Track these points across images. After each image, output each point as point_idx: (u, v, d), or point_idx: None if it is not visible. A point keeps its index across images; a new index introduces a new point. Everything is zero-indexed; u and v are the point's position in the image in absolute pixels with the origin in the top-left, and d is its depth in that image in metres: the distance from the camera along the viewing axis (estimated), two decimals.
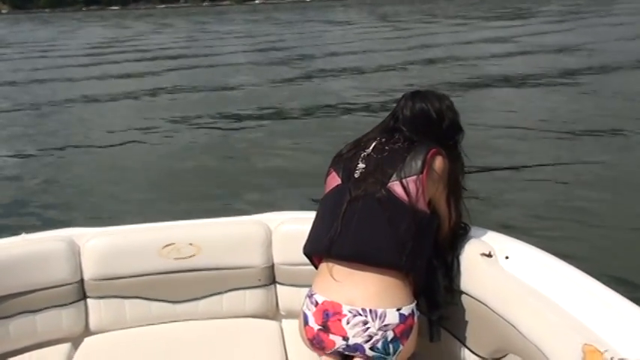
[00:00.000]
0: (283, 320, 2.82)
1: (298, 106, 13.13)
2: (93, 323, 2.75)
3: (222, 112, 12.66)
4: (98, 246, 2.72)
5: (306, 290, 2.30)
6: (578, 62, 17.29)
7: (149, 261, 2.71)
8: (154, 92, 15.92)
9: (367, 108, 12.23)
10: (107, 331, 2.75)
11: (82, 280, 2.71)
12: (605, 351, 1.67)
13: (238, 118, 12.17)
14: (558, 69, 16.18)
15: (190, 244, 2.73)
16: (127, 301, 2.75)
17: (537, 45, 21.97)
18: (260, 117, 12.20)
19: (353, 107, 12.57)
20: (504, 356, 2.18)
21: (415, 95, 2.46)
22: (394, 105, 2.50)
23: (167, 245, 2.72)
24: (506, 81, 15.06)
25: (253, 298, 2.80)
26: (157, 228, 2.86)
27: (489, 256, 2.29)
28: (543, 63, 17.49)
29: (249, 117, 12.20)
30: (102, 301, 2.74)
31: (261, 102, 13.60)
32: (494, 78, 15.51)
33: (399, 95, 2.52)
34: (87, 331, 2.75)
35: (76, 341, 2.70)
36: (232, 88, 15.91)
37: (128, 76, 19.32)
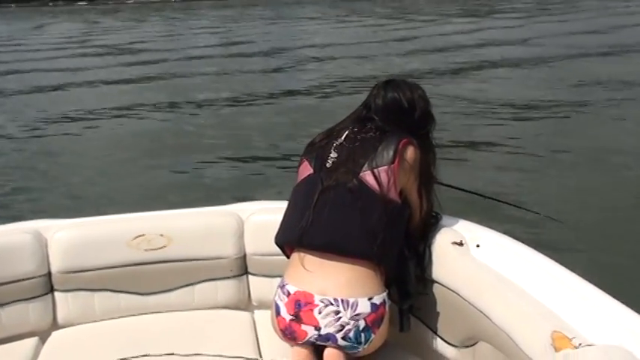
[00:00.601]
0: (255, 311, 2.80)
1: (270, 96, 13.17)
2: (61, 317, 2.70)
3: (192, 103, 12.62)
4: (66, 238, 2.67)
5: (278, 280, 2.30)
6: (540, 52, 17.78)
7: (119, 252, 2.67)
8: (121, 84, 15.79)
9: (339, 98, 12.28)
10: (75, 324, 2.70)
11: (49, 273, 2.65)
12: (573, 337, 1.69)
13: (209, 108, 12.13)
14: (521, 58, 16.64)
15: (161, 235, 2.70)
16: (95, 294, 2.71)
17: (502, 37, 22.47)
18: (230, 107, 12.18)
19: (325, 97, 12.65)
20: (475, 344, 2.20)
21: (387, 84, 2.46)
22: (366, 94, 2.51)
23: (137, 236, 2.69)
24: (470, 70, 15.41)
25: (225, 289, 2.78)
26: (127, 219, 2.82)
27: (460, 244, 2.31)
28: (506, 53, 17.92)
29: (220, 108, 12.16)
30: (70, 294, 2.69)
31: (231, 93, 13.60)
32: (459, 67, 15.87)
33: (370, 85, 2.53)
34: (54, 325, 2.70)
35: (43, 335, 2.65)
36: (202, 81, 15.81)
37: (97, 68, 19.11)
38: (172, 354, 2.40)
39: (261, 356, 2.43)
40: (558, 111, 10.39)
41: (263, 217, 2.73)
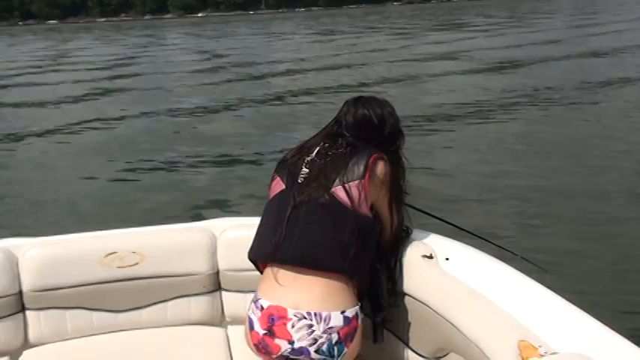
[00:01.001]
0: (229, 327, 2.81)
1: (242, 113, 13.22)
2: (32, 335, 2.68)
3: (163, 121, 12.61)
4: (37, 256, 2.65)
5: (251, 296, 2.30)
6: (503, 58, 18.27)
7: (91, 270, 2.66)
8: (91, 100, 15.77)
9: (311, 113, 12.36)
10: (47, 343, 2.68)
11: (20, 292, 2.64)
12: (539, 346, 1.74)
13: (181, 127, 12.11)
14: (486, 68, 17.06)
15: (134, 252, 2.70)
16: (68, 312, 2.69)
17: (470, 48, 23.00)
18: (203, 123, 12.19)
19: (297, 113, 12.71)
20: (446, 355, 2.24)
21: (357, 101, 2.51)
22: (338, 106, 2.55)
23: (110, 254, 2.68)
24: (434, 78, 15.71)
25: (198, 306, 2.78)
26: (99, 237, 2.82)
27: (430, 257, 2.35)
28: (468, 65, 18.34)
29: (190, 125, 12.16)
30: (42, 312, 2.67)
31: (204, 110, 13.64)
32: (424, 78, 16.15)
33: (342, 98, 2.58)
34: (26, 344, 2.68)
35: (14, 355, 2.63)
36: (174, 97, 15.83)
37: (66, 85, 19.00)
38: None
39: None
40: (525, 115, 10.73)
41: (236, 233, 2.75)
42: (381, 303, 2.39)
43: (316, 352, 2.15)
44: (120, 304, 2.73)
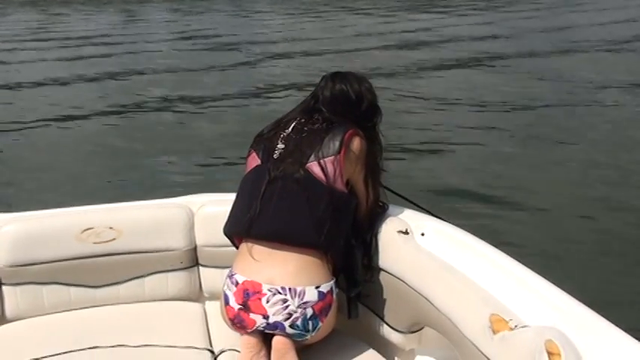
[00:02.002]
0: (207, 302, 2.81)
1: (220, 90, 13.09)
2: (9, 310, 2.67)
3: (143, 98, 12.45)
4: (13, 232, 2.63)
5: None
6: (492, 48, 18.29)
7: (67, 246, 2.65)
8: (71, 77, 15.49)
9: (290, 91, 12.24)
10: (24, 318, 2.67)
11: None
12: (510, 320, 1.77)
13: (158, 102, 11.97)
14: (475, 55, 17.06)
15: (110, 228, 2.68)
16: (44, 287, 2.68)
17: (453, 33, 22.95)
18: (181, 101, 12.06)
19: (275, 91, 12.61)
20: (420, 329, 2.26)
21: (335, 76, 2.50)
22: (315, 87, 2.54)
23: (86, 229, 2.67)
24: (427, 68, 15.62)
25: (176, 281, 2.78)
26: (76, 212, 2.80)
27: (406, 233, 2.36)
28: (461, 49, 18.35)
29: (170, 101, 12.03)
30: (18, 287, 2.66)
31: (181, 87, 13.49)
32: (414, 63, 16.08)
33: (319, 79, 2.56)
34: (3, 319, 2.67)
35: None
36: (153, 74, 15.63)
37: (47, 60, 18.70)
38: (122, 345, 2.39)
39: (211, 346, 2.44)
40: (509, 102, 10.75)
41: (213, 209, 2.74)
42: (356, 278, 2.40)
43: (291, 326, 2.17)
44: (97, 279, 2.72)
